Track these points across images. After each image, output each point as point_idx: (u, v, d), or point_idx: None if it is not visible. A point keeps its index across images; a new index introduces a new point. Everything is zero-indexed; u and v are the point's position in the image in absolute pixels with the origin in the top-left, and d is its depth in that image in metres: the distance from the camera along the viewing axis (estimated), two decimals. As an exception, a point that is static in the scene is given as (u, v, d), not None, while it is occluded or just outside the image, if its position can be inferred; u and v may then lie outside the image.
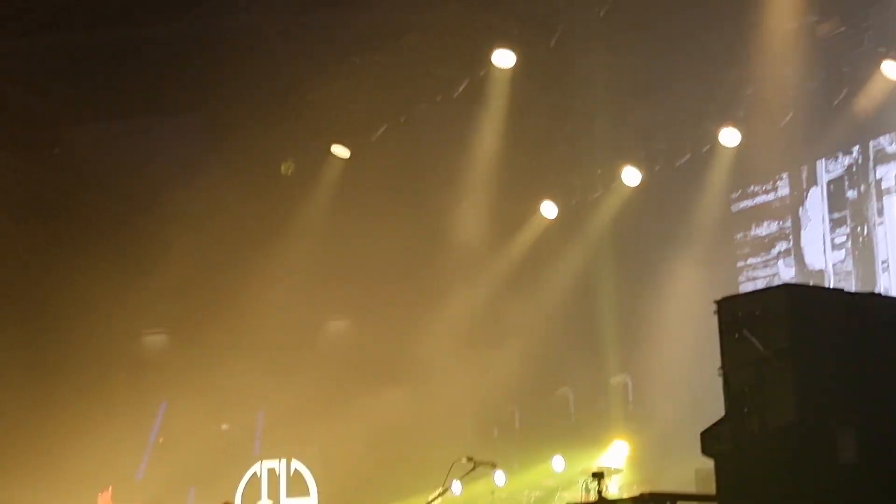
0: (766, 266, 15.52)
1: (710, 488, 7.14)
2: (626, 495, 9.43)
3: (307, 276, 18.66)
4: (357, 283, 19.09)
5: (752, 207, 15.82)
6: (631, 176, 15.85)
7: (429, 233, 17.61)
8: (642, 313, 15.66)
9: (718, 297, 7.14)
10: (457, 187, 17.12)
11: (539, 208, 17.09)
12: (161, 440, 21.38)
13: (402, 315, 18.40)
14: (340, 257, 19.02)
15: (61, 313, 20.42)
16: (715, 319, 7.10)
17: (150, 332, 23.10)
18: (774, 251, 15.47)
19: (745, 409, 6.77)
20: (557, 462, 14.75)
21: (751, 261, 15.70)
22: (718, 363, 7.06)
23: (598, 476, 7.99)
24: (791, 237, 15.26)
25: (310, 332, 20.42)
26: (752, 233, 15.74)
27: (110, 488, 12.09)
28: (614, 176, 16.13)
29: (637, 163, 15.80)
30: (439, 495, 10.04)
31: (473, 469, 10.04)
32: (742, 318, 6.93)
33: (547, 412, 16.59)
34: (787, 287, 8.67)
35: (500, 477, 15.45)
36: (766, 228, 15.63)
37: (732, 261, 15.84)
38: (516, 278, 17.20)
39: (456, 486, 14.73)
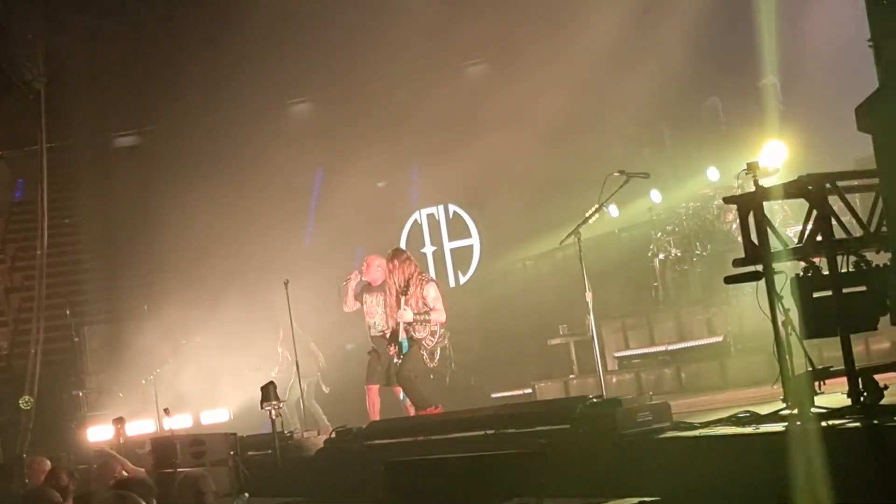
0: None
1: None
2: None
3: (440, 23, 18.46)
4: (493, 22, 18.79)
5: None
6: None
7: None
8: (790, 11, 15.09)
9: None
10: None
11: None
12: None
13: (538, 47, 18.15)
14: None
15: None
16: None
17: (295, 101, 23.50)
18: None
19: (900, 76, 6.51)
20: (712, 173, 14.60)
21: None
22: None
23: (751, 166, 7.85)
24: None
25: (449, 78, 20.41)
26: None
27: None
28: None
29: None
30: (595, 212, 10.09)
31: (626, 182, 10.02)
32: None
33: (697, 124, 16.32)
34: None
35: (655, 195, 15.44)
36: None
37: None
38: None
39: (613, 209, 14.82)
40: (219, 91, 22.18)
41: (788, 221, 12.42)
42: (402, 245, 19.33)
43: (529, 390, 15.05)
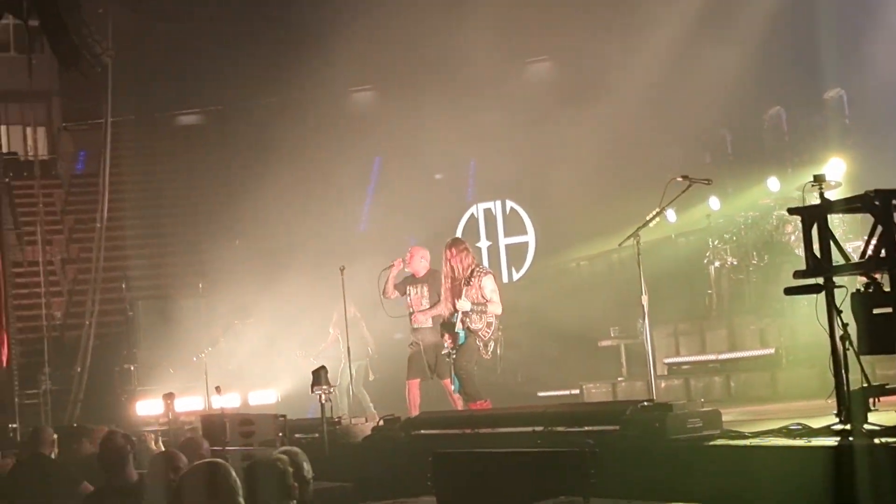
0: None
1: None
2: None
3: (506, 19, 18.47)
4: (556, 21, 18.78)
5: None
6: None
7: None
8: (859, 25, 14.95)
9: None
10: None
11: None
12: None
13: (603, 48, 18.12)
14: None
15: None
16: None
17: (358, 89, 23.61)
18: None
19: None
20: (772, 183, 14.50)
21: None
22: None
23: (818, 179, 7.79)
24: None
25: (512, 74, 20.43)
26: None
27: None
28: None
29: None
30: (656, 216, 10.02)
31: (689, 188, 9.94)
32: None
33: (759, 133, 16.23)
34: None
35: (714, 202, 15.37)
36: None
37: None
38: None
39: (671, 214, 14.75)
40: (282, 74, 22.37)
41: (848, 236, 12.32)
42: (458, 239, 19.38)
43: (577, 391, 15.03)
